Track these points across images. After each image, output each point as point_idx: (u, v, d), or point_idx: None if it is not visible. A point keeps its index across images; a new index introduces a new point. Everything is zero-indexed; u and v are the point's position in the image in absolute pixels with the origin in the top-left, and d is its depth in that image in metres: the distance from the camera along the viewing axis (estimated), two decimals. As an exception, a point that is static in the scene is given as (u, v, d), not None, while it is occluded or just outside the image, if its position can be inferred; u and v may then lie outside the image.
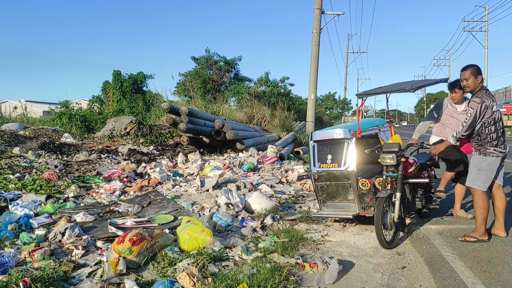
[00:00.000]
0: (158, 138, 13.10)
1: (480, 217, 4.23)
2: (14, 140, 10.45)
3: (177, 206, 5.45)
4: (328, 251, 4.20)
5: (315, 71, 16.24)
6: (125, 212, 5.37)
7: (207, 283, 3.10)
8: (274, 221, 5.03)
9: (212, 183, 6.52)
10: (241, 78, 25.26)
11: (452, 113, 5.31)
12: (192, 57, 24.94)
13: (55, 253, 3.82)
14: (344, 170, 4.77)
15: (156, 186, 6.99)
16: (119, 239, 3.62)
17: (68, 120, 15.58)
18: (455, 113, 5.29)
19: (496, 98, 45.36)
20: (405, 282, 3.43)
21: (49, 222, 4.79)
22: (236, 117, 16.57)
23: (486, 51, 41.46)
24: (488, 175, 4.21)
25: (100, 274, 3.29)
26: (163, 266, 3.44)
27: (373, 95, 5.75)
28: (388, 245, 4.20)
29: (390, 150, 4.46)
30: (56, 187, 6.62)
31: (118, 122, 13.65)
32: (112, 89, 21.20)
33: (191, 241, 3.84)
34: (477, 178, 4.24)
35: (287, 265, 3.55)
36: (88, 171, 8.13)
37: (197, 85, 22.94)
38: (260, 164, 9.72)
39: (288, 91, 24.69)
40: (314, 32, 16.06)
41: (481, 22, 41.71)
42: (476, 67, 4.28)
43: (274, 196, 6.45)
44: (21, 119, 18.08)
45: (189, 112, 11.95)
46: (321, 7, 16.28)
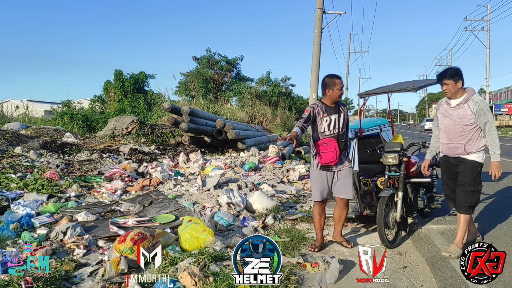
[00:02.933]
0: (159, 138, 13.11)
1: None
2: (16, 139, 10.47)
3: (178, 205, 5.45)
4: (329, 250, 4.19)
5: (317, 71, 16.21)
6: (127, 212, 5.37)
7: (208, 283, 3.10)
8: (275, 221, 5.02)
9: (213, 182, 6.52)
10: (243, 77, 25.27)
11: (445, 111, 4.04)
12: (193, 56, 24.99)
13: (57, 253, 3.82)
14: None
15: (157, 185, 6.99)
16: (121, 238, 3.63)
17: (69, 119, 15.61)
18: (449, 109, 3.97)
19: (498, 98, 45.39)
20: (406, 281, 3.42)
21: (51, 222, 4.80)
22: (237, 117, 16.58)
23: (488, 50, 41.38)
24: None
25: (102, 274, 3.29)
26: (164, 266, 3.44)
27: (374, 94, 5.75)
28: (390, 245, 4.19)
29: (392, 149, 4.45)
30: (58, 186, 6.62)
31: (120, 121, 13.66)
32: (114, 89, 21.21)
33: (193, 241, 3.84)
34: None
35: (288, 265, 3.54)
36: (89, 171, 8.14)
37: (199, 84, 22.97)
38: (262, 163, 9.72)
39: (289, 91, 24.71)
40: (316, 31, 16.04)
41: (483, 21, 41.60)
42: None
43: (275, 195, 6.45)
44: (23, 118, 18.11)
45: (191, 112, 11.95)
46: (323, 6, 16.24)
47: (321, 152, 4.04)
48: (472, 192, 3.84)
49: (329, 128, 4.08)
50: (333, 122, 4.09)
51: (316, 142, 4.11)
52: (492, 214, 5.33)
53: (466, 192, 3.84)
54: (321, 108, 4.10)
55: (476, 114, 3.74)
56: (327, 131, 4.08)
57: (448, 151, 3.96)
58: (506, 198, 6.32)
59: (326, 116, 4.09)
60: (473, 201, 3.88)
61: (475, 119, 3.76)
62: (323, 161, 4.06)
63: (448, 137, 3.93)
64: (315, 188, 4.20)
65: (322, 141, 4.07)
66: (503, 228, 4.70)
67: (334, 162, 4.06)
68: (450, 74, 3.81)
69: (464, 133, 3.81)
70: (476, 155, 3.83)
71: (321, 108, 4.10)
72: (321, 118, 4.09)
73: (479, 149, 3.83)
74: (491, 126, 3.76)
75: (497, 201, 6.13)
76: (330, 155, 4.02)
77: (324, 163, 4.08)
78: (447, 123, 3.93)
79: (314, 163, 4.17)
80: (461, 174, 3.89)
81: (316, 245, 4.19)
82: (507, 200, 6.14)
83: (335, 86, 4.08)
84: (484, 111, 3.74)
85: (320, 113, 4.09)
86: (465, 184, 3.84)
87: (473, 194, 3.85)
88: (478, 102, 3.76)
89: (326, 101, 4.16)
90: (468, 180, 3.83)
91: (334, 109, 4.12)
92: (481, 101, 3.78)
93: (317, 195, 4.19)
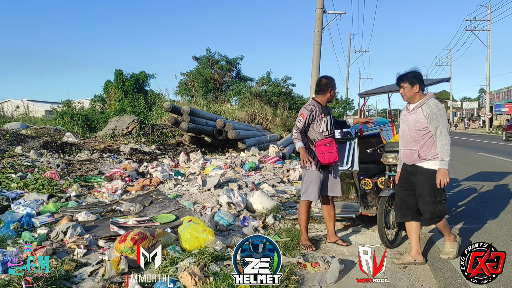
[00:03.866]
0: (160, 138, 13.12)
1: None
2: (16, 139, 10.48)
3: (178, 205, 5.45)
4: (330, 250, 4.20)
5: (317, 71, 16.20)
6: (127, 211, 5.37)
7: (208, 283, 3.11)
8: (275, 221, 5.02)
9: (213, 182, 6.53)
10: (243, 77, 25.27)
11: (404, 116, 3.80)
12: (193, 56, 24.99)
13: (57, 252, 3.83)
14: (347, 170, 4.76)
15: (158, 185, 6.99)
16: (121, 238, 3.63)
17: (70, 119, 15.63)
18: (407, 114, 3.76)
19: (499, 98, 45.36)
20: (406, 281, 3.42)
21: (51, 221, 4.80)
22: (237, 117, 16.60)
23: (488, 50, 41.36)
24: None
25: (102, 273, 3.29)
26: (164, 265, 3.44)
27: (375, 94, 5.75)
28: (390, 244, 4.20)
29: (392, 149, 4.45)
30: (58, 186, 6.63)
31: (120, 121, 13.67)
32: (114, 89, 21.23)
33: (193, 241, 3.84)
34: None
35: (288, 265, 3.54)
36: (90, 170, 8.15)
37: (199, 84, 22.97)
38: (262, 163, 9.72)
39: (289, 91, 24.72)
40: (316, 31, 16.03)
41: (483, 21, 41.56)
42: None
43: (275, 195, 6.45)
44: (23, 118, 18.14)
45: (191, 112, 11.96)
46: (323, 6, 16.23)
47: (325, 152, 4.06)
48: (433, 202, 3.58)
49: (327, 128, 4.15)
50: (329, 122, 4.19)
51: (316, 143, 4.11)
52: (492, 214, 5.33)
53: (428, 203, 3.60)
54: (318, 109, 4.15)
55: (428, 118, 3.53)
56: (326, 131, 4.14)
57: (405, 158, 3.76)
58: (506, 198, 6.31)
59: (324, 117, 4.15)
60: (437, 212, 3.61)
61: (427, 123, 3.55)
62: (326, 161, 4.07)
63: (403, 143, 3.75)
64: (314, 188, 4.17)
65: (324, 141, 4.08)
66: (503, 228, 4.70)
67: (335, 162, 4.14)
68: (407, 77, 3.65)
69: (418, 138, 3.61)
70: (431, 163, 3.57)
71: (319, 109, 4.16)
72: (320, 119, 4.13)
73: (434, 156, 3.55)
74: (441, 131, 3.49)
75: (497, 201, 6.12)
76: (333, 155, 4.08)
77: (326, 163, 4.09)
78: (403, 128, 3.77)
79: (312, 163, 4.17)
80: (418, 184, 3.65)
81: (310, 244, 4.20)
82: (507, 200, 6.13)
83: (333, 87, 4.22)
84: (436, 115, 3.51)
85: (319, 114, 4.14)
86: (425, 195, 3.61)
87: (434, 205, 3.59)
88: (432, 106, 3.55)
89: (322, 101, 4.22)
90: (427, 190, 3.59)
91: (327, 109, 4.24)
92: (434, 105, 3.55)
93: (316, 195, 4.20)
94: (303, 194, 4.26)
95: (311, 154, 4.16)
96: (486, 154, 13.68)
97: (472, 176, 8.68)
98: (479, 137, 28.17)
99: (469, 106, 63.54)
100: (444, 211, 3.67)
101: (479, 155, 13.67)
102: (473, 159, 12.38)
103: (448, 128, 3.55)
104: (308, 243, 4.21)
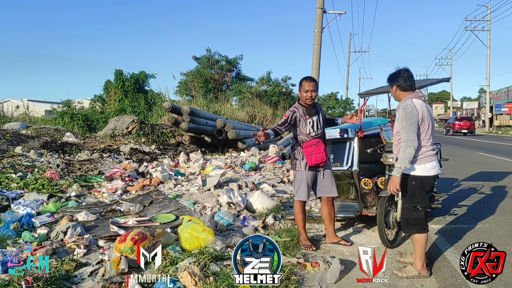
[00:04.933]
0: (160, 138, 13.13)
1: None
2: (16, 139, 10.48)
3: (178, 205, 5.45)
4: (330, 250, 4.20)
5: (317, 71, 16.21)
6: (127, 211, 5.37)
7: (208, 282, 3.11)
8: (275, 221, 5.02)
9: (213, 182, 6.53)
10: (243, 77, 25.28)
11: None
12: (193, 56, 25.01)
13: (57, 252, 3.83)
14: (346, 170, 4.76)
15: (158, 185, 6.99)
16: (121, 238, 3.63)
17: (70, 119, 15.65)
18: None
19: (499, 98, 45.39)
20: (406, 281, 3.43)
21: (51, 221, 4.80)
22: (237, 117, 16.60)
23: (488, 50, 41.39)
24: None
25: (102, 273, 3.29)
26: (164, 265, 3.44)
27: (375, 94, 5.74)
28: (390, 244, 4.20)
29: (392, 149, 4.45)
30: (58, 186, 6.63)
31: (120, 121, 13.68)
32: (114, 89, 21.25)
33: (193, 240, 3.84)
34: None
35: (288, 265, 3.55)
36: (90, 170, 8.15)
37: (199, 84, 22.98)
38: (262, 163, 9.72)
39: (289, 91, 24.72)
40: (316, 31, 16.04)
41: (483, 21, 41.62)
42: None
43: (275, 195, 6.45)
44: (23, 118, 18.15)
45: (191, 112, 11.96)
46: (323, 6, 16.25)
47: (311, 153, 4.10)
48: (407, 209, 3.49)
49: (313, 129, 4.19)
50: (315, 123, 4.21)
51: (303, 144, 4.16)
52: (492, 214, 5.33)
53: (402, 208, 3.59)
54: (302, 111, 4.19)
55: (397, 121, 3.39)
56: (312, 132, 4.18)
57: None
58: (506, 198, 6.31)
59: (309, 118, 4.19)
60: (410, 218, 3.46)
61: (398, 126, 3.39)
62: (313, 162, 4.12)
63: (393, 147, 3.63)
64: (303, 188, 4.22)
65: (310, 143, 4.13)
66: (503, 228, 4.69)
67: (323, 162, 4.17)
68: (388, 79, 3.52)
69: (395, 143, 3.49)
70: (409, 167, 3.35)
71: (302, 111, 4.20)
72: (304, 121, 4.17)
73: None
74: (402, 136, 3.30)
75: (497, 201, 6.12)
76: (320, 156, 4.12)
77: (314, 164, 4.13)
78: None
79: (302, 164, 4.20)
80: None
81: (310, 244, 4.21)
82: (507, 200, 6.14)
83: (301, 87, 4.22)
84: (400, 119, 3.30)
85: (302, 115, 4.18)
86: (402, 199, 3.60)
87: (408, 211, 3.48)
88: (400, 108, 3.35)
89: (303, 102, 4.26)
90: (402, 195, 3.55)
91: (314, 110, 4.25)
92: (402, 107, 3.32)
93: (305, 195, 4.24)
94: (296, 194, 4.31)
95: (299, 156, 4.20)
96: (486, 154, 13.68)
97: (472, 176, 8.68)
98: (479, 137, 28.18)
99: (469, 106, 63.63)
100: (420, 219, 3.45)
101: (479, 155, 13.68)
102: (473, 159, 12.38)
103: (414, 132, 3.26)
104: (308, 243, 4.21)
